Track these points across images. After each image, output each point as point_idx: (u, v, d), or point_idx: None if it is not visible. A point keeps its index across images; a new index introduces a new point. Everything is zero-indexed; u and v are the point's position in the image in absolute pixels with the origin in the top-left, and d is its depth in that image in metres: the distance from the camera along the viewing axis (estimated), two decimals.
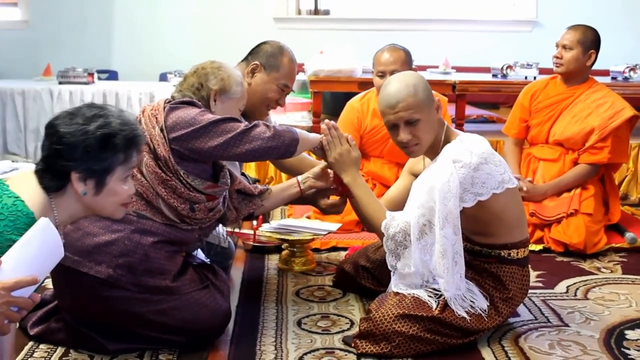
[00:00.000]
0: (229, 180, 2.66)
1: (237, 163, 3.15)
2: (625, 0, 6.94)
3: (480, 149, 2.53)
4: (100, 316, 2.46)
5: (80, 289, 2.42)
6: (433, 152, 2.65)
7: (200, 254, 2.98)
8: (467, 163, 2.48)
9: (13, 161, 4.67)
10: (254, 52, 3.17)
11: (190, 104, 2.61)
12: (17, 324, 2.54)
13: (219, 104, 2.68)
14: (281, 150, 2.62)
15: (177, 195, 2.50)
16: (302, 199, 3.00)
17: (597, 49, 4.00)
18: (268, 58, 3.12)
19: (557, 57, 4.03)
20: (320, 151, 2.81)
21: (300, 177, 2.94)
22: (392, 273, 2.61)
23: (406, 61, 3.75)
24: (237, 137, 2.53)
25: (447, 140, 2.62)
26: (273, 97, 3.14)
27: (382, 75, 3.80)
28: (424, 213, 2.50)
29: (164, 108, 2.57)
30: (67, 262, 2.38)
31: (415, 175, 2.76)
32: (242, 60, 3.19)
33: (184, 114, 2.54)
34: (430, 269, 2.54)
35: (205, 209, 2.56)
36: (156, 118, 2.55)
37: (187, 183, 2.51)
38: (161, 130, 2.51)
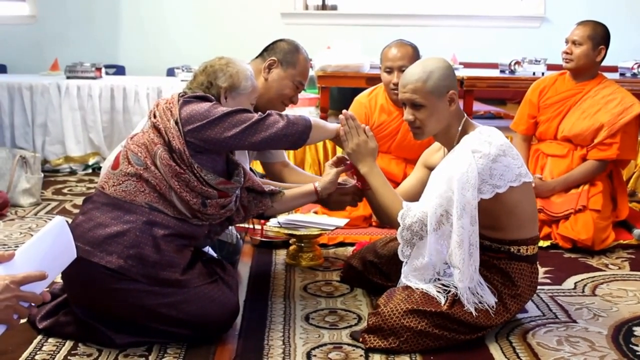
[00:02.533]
0: (242, 179, 2.66)
1: (247, 158, 3.15)
2: None
3: (499, 141, 2.54)
4: (109, 309, 2.47)
5: (91, 281, 2.43)
6: (449, 142, 2.67)
7: (209, 250, 2.99)
8: (485, 154, 2.49)
9: None
10: (269, 49, 3.18)
11: (203, 98, 2.63)
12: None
13: (229, 100, 2.69)
14: (294, 137, 2.65)
15: (189, 189, 2.50)
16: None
17: (607, 45, 3.99)
18: (285, 54, 3.13)
19: (566, 53, 4.02)
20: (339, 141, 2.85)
21: (318, 186, 2.88)
22: (404, 264, 2.61)
23: (414, 57, 3.74)
24: (252, 127, 2.56)
25: (465, 132, 2.63)
26: (288, 94, 3.14)
27: (390, 71, 3.80)
28: (441, 203, 2.50)
29: (178, 101, 2.59)
30: (78, 252, 2.37)
31: (430, 168, 2.76)
32: (257, 57, 3.19)
33: (198, 107, 2.56)
34: (445, 260, 2.55)
35: (217, 205, 2.56)
36: (170, 111, 2.56)
37: (200, 177, 2.51)
38: (176, 123, 2.53)
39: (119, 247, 2.41)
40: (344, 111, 2.84)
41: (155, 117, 2.59)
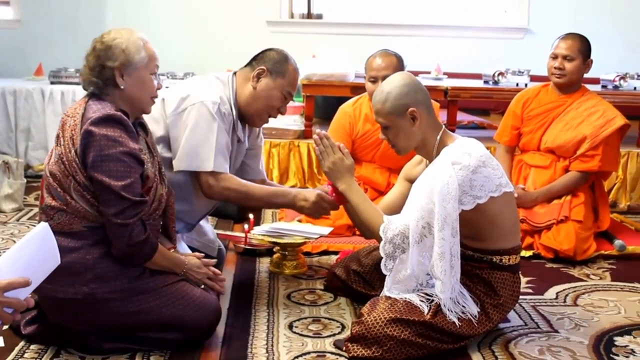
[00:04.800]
0: (149, 204, 2.51)
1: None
2: (615, 9, 6.96)
3: (479, 152, 2.56)
4: (89, 326, 2.48)
5: (64, 310, 2.46)
6: (428, 155, 2.70)
7: (185, 248, 2.99)
8: (465, 165, 2.51)
9: None
10: (258, 58, 3.13)
11: (111, 120, 2.41)
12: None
13: (126, 78, 2.51)
14: (129, 257, 2.46)
15: None
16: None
17: (591, 57, 4.04)
18: (274, 64, 3.08)
19: (558, 69, 4.02)
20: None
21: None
22: (387, 277, 2.62)
23: (398, 67, 3.77)
24: (118, 209, 2.38)
25: (444, 144, 2.64)
26: (276, 105, 3.10)
27: (374, 80, 3.81)
28: (423, 215, 2.52)
29: (81, 126, 2.41)
30: (44, 292, 2.38)
31: (411, 182, 2.78)
32: (245, 66, 3.16)
33: (99, 145, 2.37)
34: (427, 271, 2.56)
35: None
36: (72, 140, 2.42)
37: None
38: (76, 153, 2.40)
39: (77, 277, 2.40)
40: (317, 131, 2.85)
41: (60, 145, 2.46)
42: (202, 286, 2.67)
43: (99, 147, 2.37)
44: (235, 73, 3.17)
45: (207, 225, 3.38)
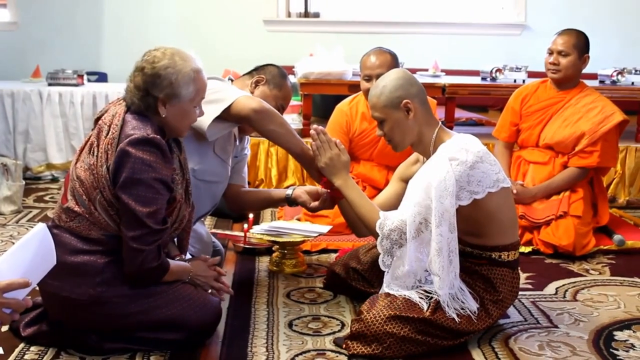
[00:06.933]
0: (170, 224, 2.52)
1: (228, 170, 3.16)
2: (613, 4, 6.97)
3: (476, 148, 2.56)
4: (90, 325, 2.48)
5: (66, 309, 2.46)
6: (425, 151, 2.70)
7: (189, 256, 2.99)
8: (463, 161, 2.51)
9: None
10: (259, 69, 3.21)
11: (149, 144, 2.40)
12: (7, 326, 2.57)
13: (169, 107, 2.48)
14: (139, 279, 2.46)
15: None
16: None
17: (589, 52, 4.04)
18: (274, 77, 3.16)
19: (553, 64, 4.03)
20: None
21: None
22: (385, 273, 2.62)
23: (392, 64, 3.76)
24: (141, 232, 2.37)
25: (441, 140, 2.64)
26: None
27: (369, 79, 3.81)
28: (420, 211, 2.52)
29: (117, 145, 2.40)
30: (49, 289, 2.39)
31: (405, 182, 2.78)
32: (245, 74, 3.23)
33: (133, 167, 2.36)
34: (425, 268, 2.56)
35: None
36: (107, 155, 2.41)
37: None
38: (108, 170, 2.40)
39: (85, 279, 2.40)
40: (314, 126, 2.84)
41: (93, 155, 2.46)
42: (210, 291, 2.67)
43: (132, 170, 2.36)
44: (231, 80, 3.24)
45: (202, 227, 3.36)
